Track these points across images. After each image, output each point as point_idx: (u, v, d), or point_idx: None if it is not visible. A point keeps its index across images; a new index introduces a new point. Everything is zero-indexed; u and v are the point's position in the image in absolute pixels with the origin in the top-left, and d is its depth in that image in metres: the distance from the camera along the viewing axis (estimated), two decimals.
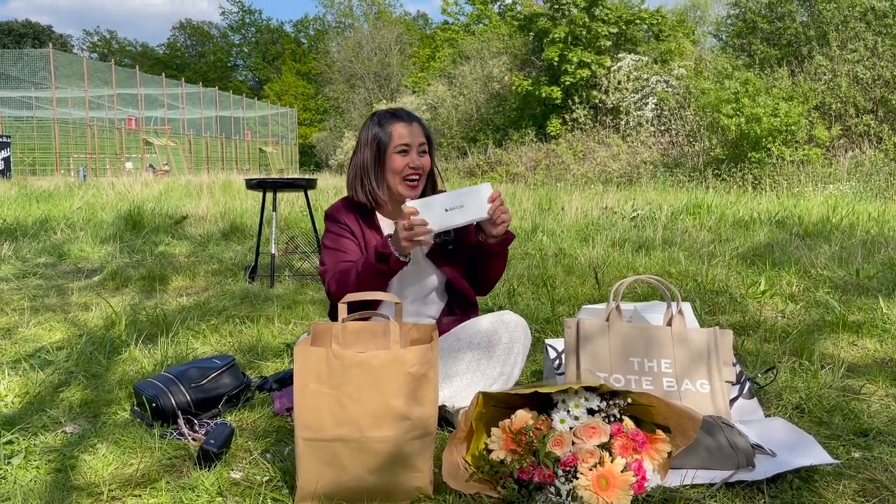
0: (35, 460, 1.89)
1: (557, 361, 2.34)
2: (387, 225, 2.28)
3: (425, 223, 1.94)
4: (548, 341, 2.47)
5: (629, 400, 1.70)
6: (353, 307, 2.19)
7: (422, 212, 1.96)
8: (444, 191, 2.18)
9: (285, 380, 2.41)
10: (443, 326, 2.27)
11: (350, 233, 2.24)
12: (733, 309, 3.67)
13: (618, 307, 2.12)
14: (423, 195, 2.26)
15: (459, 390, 2.05)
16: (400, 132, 2.19)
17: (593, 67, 20.52)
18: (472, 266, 2.30)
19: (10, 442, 2.00)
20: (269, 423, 2.18)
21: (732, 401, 2.17)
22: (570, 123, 20.92)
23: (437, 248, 2.25)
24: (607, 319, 2.11)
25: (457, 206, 1.98)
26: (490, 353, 2.07)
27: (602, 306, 2.36)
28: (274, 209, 4.89)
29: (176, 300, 4.05)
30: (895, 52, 15.71)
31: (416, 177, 2.21)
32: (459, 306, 2.34)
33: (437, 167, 2.33)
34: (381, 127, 2.20)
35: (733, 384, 2.12)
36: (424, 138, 2.23)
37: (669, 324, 2.12)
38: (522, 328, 2.13)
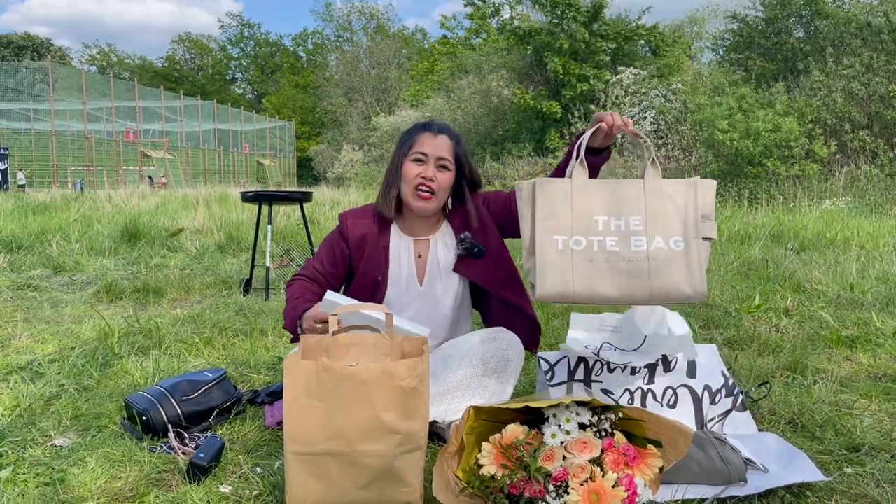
0: (23, 474, 1.88)
1: (550, 374, 2.33)
2: (401, 241, 2.22)
3: (327, 320, 1.80)
4: (540, 354, 2.45)
5: (620, 414, 1.70)
6: None
7: (336, 308, 1.82)
8: (467, 230, 2.20)
9: (277, 393, 2.40)
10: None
11: (345, 243, 2.21)
12: (727, 323, 3.67)
13: (581, 162, 1.87)
14: (452, 223, 2.23)
15: (451, 406, 2.04)
16: (421, 140, 2.14)
17: (592, 81, 20.63)
18: None
19: None
20: (260, 436, 2.17)
21: (726, 413, 2.17)
22: (568, 137, 20.99)
23: (461, 259, 2.20)
24: (569, 178, 1.86)
25: (369, 320, 1.84)
26: (483, 369, 2.06)
27: (594, 316, 2.34)
28: (269, 222, 4.89)
29: (170, 313, 4.04)
30: (890, 67, 15.80)
31: (428, 189, 2.12)
32: (501, 318, 2.26)
33: (471, 203, 2.21)
34: (409, 134, 2.18)
35: (712, 239, 1.86)
36: (450, 155, 2.14)
37: (642, 177, 1.86)
38: (516, 345, 2.12)
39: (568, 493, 1.57)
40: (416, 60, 47.64)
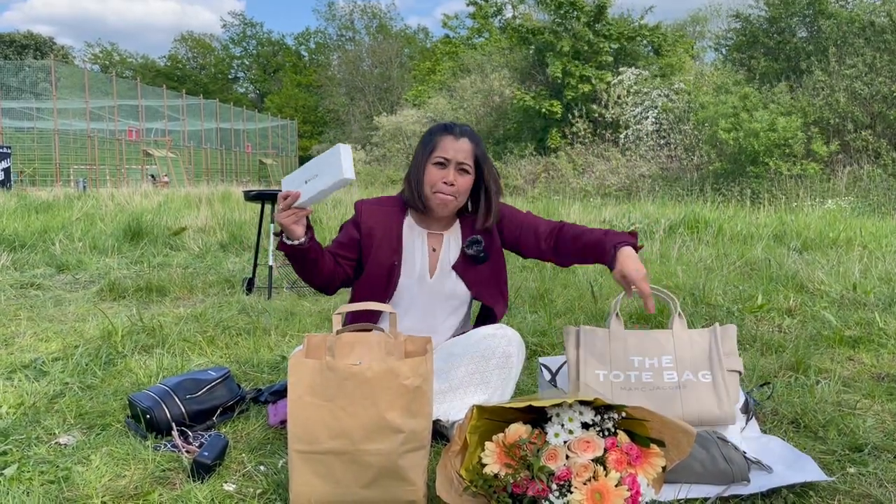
0: (28, 472, 1.88)
1: (553, 382, 2.34)
2: (413, 232, 2.26)
3: (288, 196, 1.98)
4: (541, 360, 2.46)
5: (623, 414, 1.70)
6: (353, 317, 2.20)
7: (287, 188, 2.03)
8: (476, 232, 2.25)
9: (280, 392, 2.41)
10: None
11: (357, 230, 2.24)
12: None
13: (617, 315, 2.16)
14: (463, 224, 2.27)
15: (454, 404, 2.04)
16: (443, 144, 2.15)
17: (594, 82, 20.62)
18: (558, 251, 2.32)
19: (3, 453, 2.00)
20: (263, 435, 2.18)
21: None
22: (569, 137, 20.99)
23: (464, 259, 2.24)
24: (608, 328, 2.16)
25: (312, 175, 1.99)
26: (485, 366, 2.07)
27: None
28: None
29: (173, 311, 4.04)
30: (893, 67, 15.78)
31: (449, 192, 2.14)
32: (484, 322, 2.33)
33: (494, 200, 2.23)
34: (431, 135, 2.20)
35: (739, 372, 2.10)
36: (470, 159, 2.15)
37: (671, 327, 2.16)
38: (517, 341, 2.13)
39: (571, 493, 1.57)
40: (419, 60, 47.60)
